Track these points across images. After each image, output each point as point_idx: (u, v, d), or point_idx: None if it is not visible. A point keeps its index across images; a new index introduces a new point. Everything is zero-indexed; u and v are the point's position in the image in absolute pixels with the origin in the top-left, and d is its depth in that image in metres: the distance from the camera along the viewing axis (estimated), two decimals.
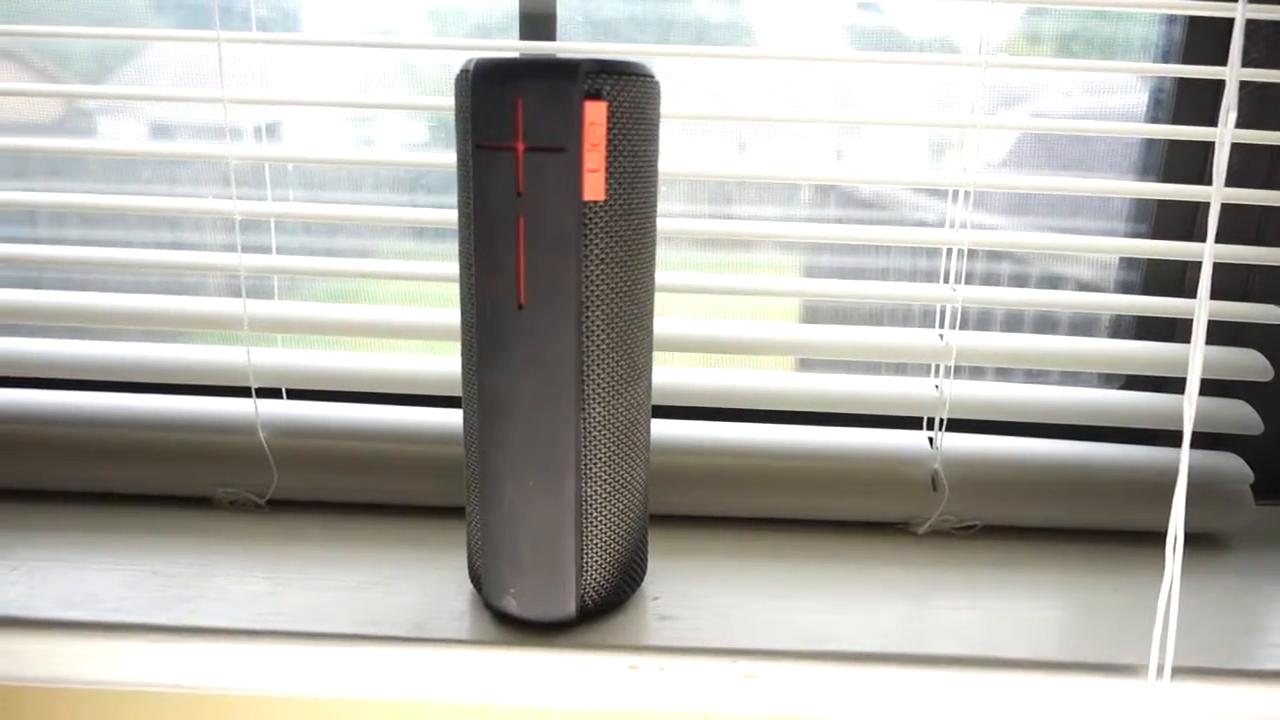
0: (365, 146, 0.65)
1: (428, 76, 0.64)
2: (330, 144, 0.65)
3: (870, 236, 0.58)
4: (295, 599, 0.50)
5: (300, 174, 0.66)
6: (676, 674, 0.46)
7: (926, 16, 0.62)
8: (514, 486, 0.44)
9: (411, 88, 0.64)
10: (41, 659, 0.47)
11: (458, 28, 0.63)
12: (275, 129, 0.65)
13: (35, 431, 0.60)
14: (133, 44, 0.64)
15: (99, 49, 0.65)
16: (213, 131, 0.65)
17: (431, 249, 0.67)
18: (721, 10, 0.62)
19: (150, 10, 0.63)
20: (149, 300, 0.61)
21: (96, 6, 0.63)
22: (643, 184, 0.43)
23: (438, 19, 0.63)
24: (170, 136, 0.66)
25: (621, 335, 0.44)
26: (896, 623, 0.50)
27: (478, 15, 0.63)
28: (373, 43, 0.57)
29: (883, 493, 0.59)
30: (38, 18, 0.63)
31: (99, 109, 0.66)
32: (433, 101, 0.58)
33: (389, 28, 0.63)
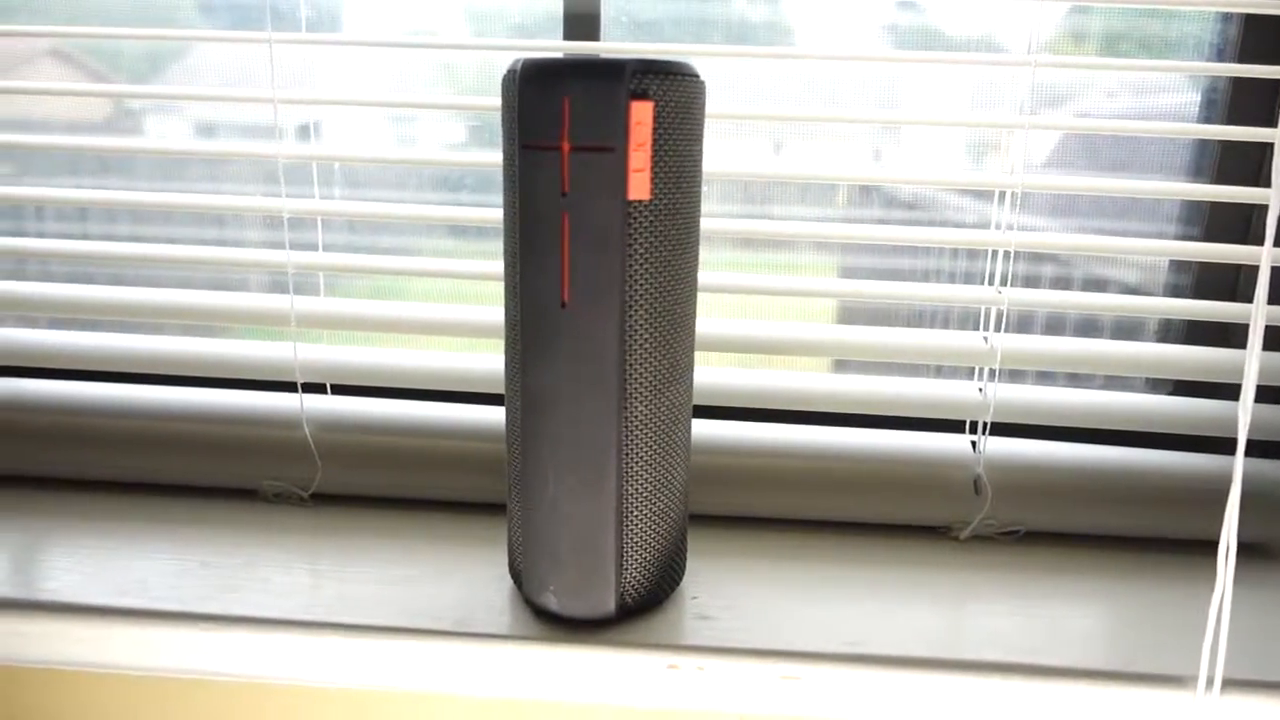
0: (405, 146, 0.66)
1: (467, 76, 0.65)
2: (375, 143, 0.66)
3: (915, 238, 0.58)
4: (338, 591, 0.51)
5: (343, 173, 0.67)
6: (715, 674, 0.46)
7: (966, 15, 0.61)
8: (555, 483, 0.44)
9: (451, 87, 0.65)
10: (95, 645, 0.48)
11: (498, 28, 0.64)
12: (316, 128, 0.66)
13: (88, 423, 0.62)
14: (177, 45, 0.65)
15: (145, 50, 0.66)
16: (255, 130, 0.66)
17: (469, 247, 0.68)
18: (762, 10, 0.62)
19: (195, 12, 0.65)
20: (200, 296, 0.63)
21: (143, 8, 0.65)
22: (687, 183, 0.43)
23: (478, 20, 0.64)
24: (213, 135, 0.67)
25: (664, 334, 0.44)
26: (937, 627, 0.49)
27: (517, 15, 0.63)
28: (419, 44, 0.57)
29: (924, 496, 0.59)
30: (89, 20, 0.65)
31: (146, 108, 0.68)
32: (477, 101, 0.58)
33: (430, 28, 0.64)
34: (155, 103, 0.67)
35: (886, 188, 0.64)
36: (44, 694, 0.56)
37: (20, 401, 0.62)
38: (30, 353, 0.63)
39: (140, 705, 0.55)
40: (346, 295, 0.69)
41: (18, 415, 0.62)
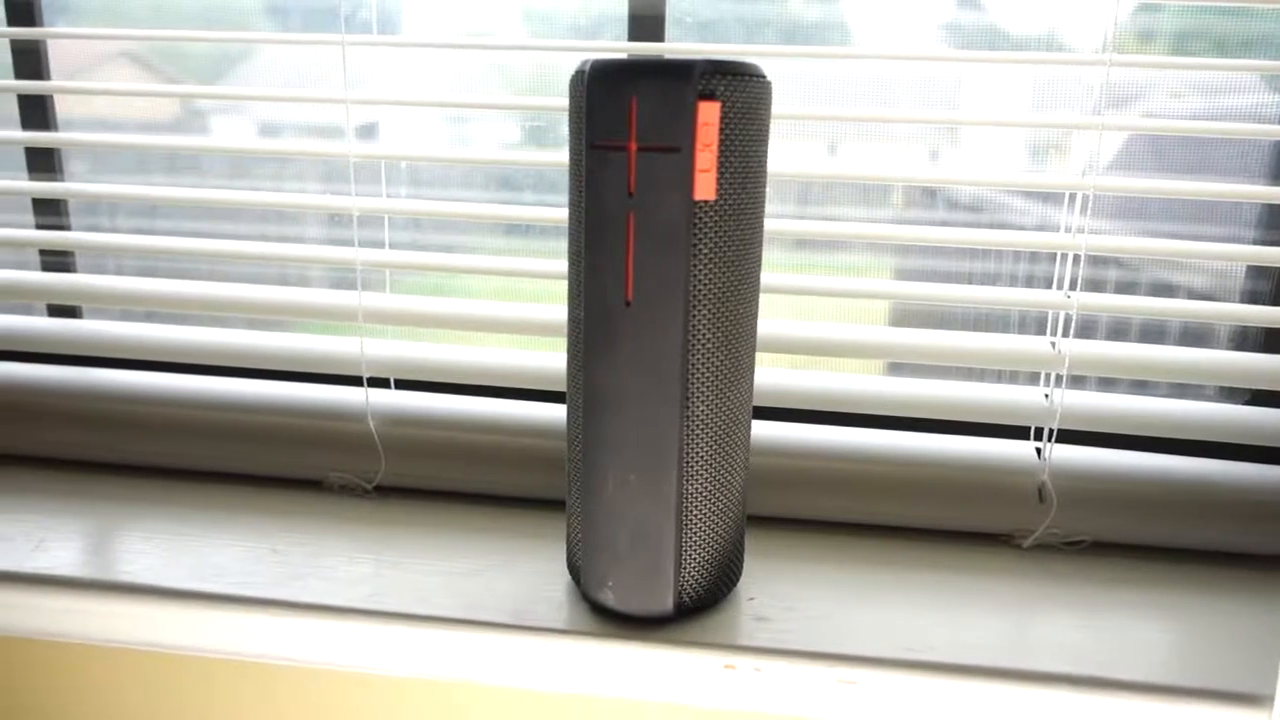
0: (460, 145, 0.67)
1: (521, 77, 0.66)
2: (438, 144, 0.67)
3: (985, 240, 0.57)
4: (400, 582, 0.52)
5: (395, 171, 0.68)
6: (772, 676, 0.46)
7: (1030, 14, 0.60)
8: (615, 481, 0.45)
9: (505, 88, 0.66)
10: (173, 627, 0.50)
11: (555, 29, 0.64)
12: (373, 129, 0.67)
13: (164, 413, 0.64)
14: (240, 48, 0.67)
15: (209, 52, 0.68)
16: (314, 130, 0.67)
17: (523, 245, 0.68)
18: (822, 10, 0.61)
19: (259, 15, 0.67)
20: (271, 291, 0.65)
21: (209, 11, 0.67)
22: (752, 184, 0.43)
23: (536, 21, 0.64)
24: (275, 134, 0.69)
25: (727, 334, 0.44)
26: (998, 637, 0.48)
27: (573, 16, 0.64)
28: (486, 45, 0.58)
29: (986, 503, 0.58)
30: (157, 23, 0.67)
31: (210, 109, 0.70)
32: (543, 102, 0.59)
33: (486, 29, 0.65)
34: (218, 103, 0.69)
35: (944, 189, 0.64)
36: (118, 673, 0.58)
37: (101, 391, 0.65)
38: (112, 344, 0.66)
39: (208, 687, 0.57)
40: (401, 292, 0.70)
41: (98, 404, 0.64)
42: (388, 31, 0.65)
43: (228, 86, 0.68)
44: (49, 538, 0.55)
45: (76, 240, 0.65)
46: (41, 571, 0.52)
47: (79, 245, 0.65)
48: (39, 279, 0.67)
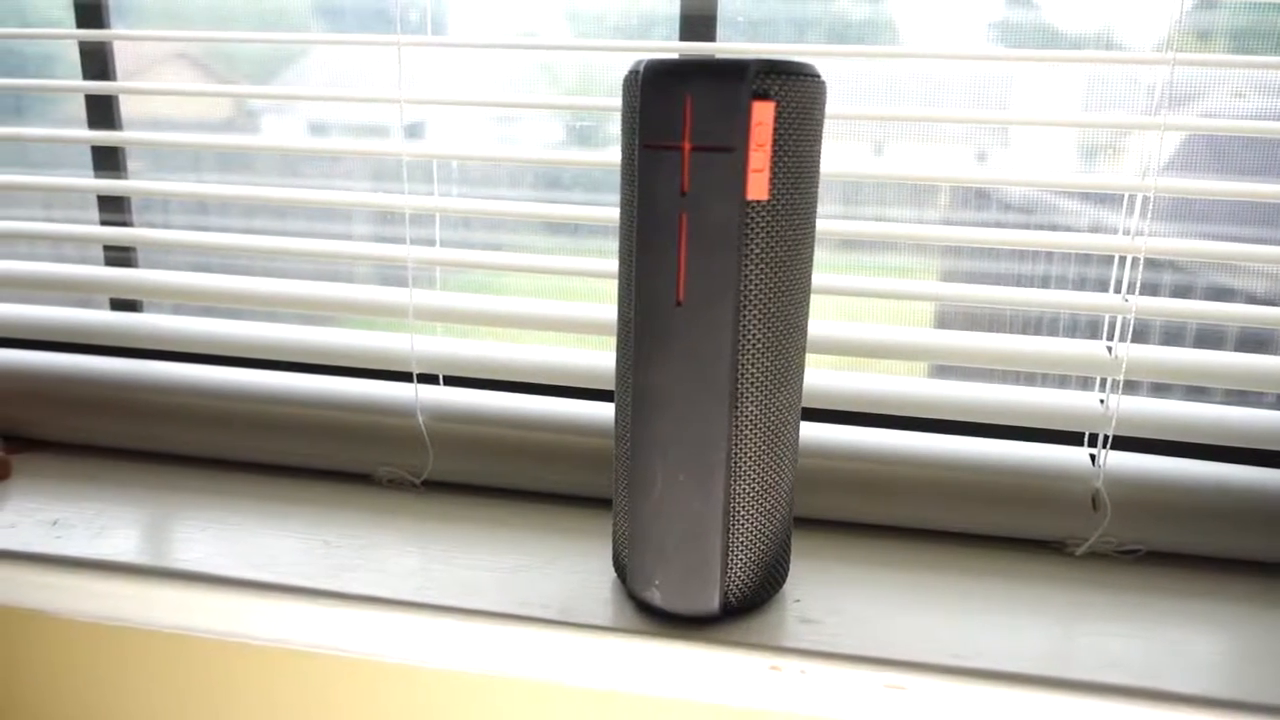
0: (505, 145, 0.68)
1: (567, 77, 0.66)
2: (491, 143, 0.68)
3: (1038, 241, 0.56)
4: (448, 576, 0.52)
5: (443, 170, 0.69)
6: (818, 678, 0.46)
7: (1083, 11, 0.59)
8: (664, 480, 0.45)
9: (551, 87, 0.66)
10: (228, 615, 0.51)
11: (600, 29, 0.65)
12: (419, 128, 0.68)
13: (219, 405, 0.65)
14: (290, 49, 0.68)
15: (259, 53, 0.70)
16: (362, 129, 0.69)
17: (564, 244, 0.69)
18: (871, 8, 0.61)
19: (310, 16, 0.68)
20: (324, 288, 0.66)
21: (262, 12, 0.68)
22: (805, 184, 0.43)
23: (579, 21, 0.65)
24: (324, 133, 0.70)
25: (777, 335, 0.44)
26: (1050, 645, 0.48)
27: (618, 17, 0.64)
28: (540, 45, 0.59)
29: (1038, 509, 0.57)
30: (211, 25, 0.68)
31: (261, 109, 0.72)
32: (595, 102, 0.59)
33: (532, 29, 0.65)
34: (267, 103, 0.71)
35: (994, 191, 0.63)
36: (171, 658, 0.59)
37: (159, 383, 0.67)
38: (171, 338, 0.68)
39: (258, 675, 0.58)
40: (443, 289, 0.71)
41: (157, 396, 0.66)
42: (435, 32, 0.66)
43: (283, 87, 0.69)
44: (110, 525, 0.57)
45: (135, 236, 0.67)
46: (102, 557, 0.53)
47: (139, 241, 0.67)
48: (102, 273, 0.69)
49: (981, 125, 0.61)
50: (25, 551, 0.53)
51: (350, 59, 0.69)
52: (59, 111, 0.75)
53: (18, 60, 0.74)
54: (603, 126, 0.67)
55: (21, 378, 0.68)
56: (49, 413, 0.67)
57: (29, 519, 0.57)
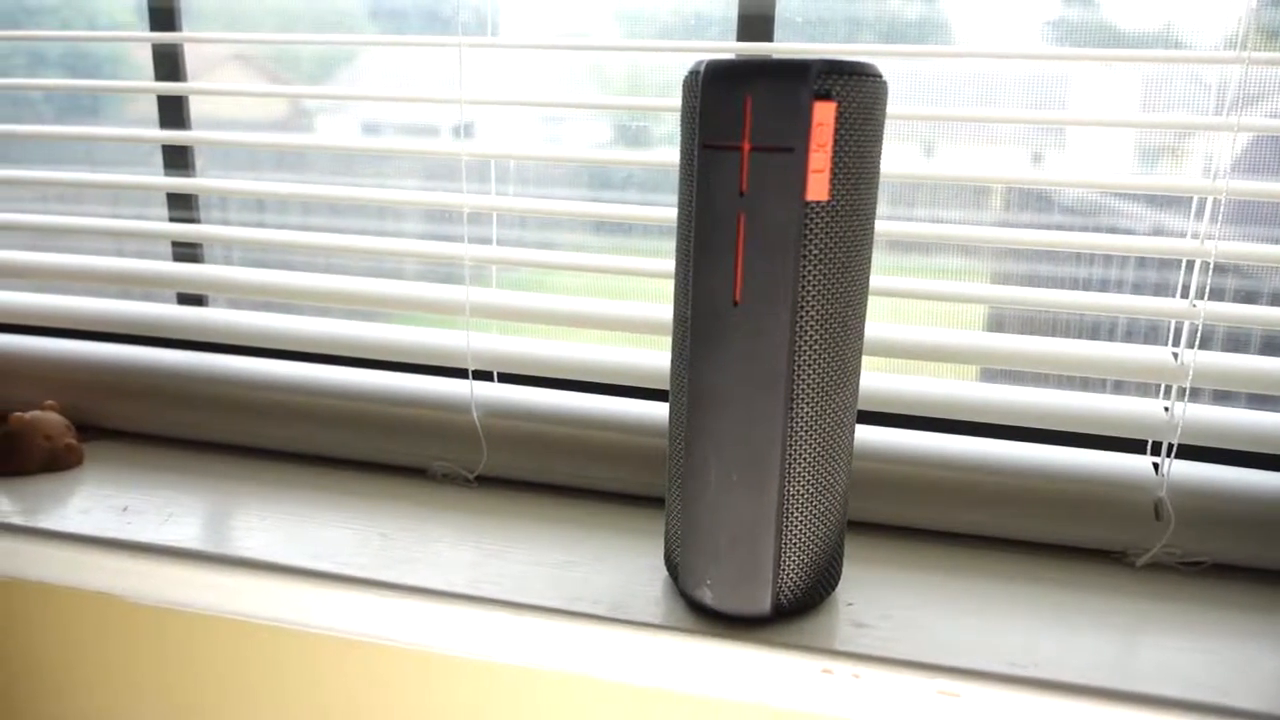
0: (554, 143, 0.68)
1: (616, 77, 0.66)
2: (540, 142, 0.68)
3: (1102, 244, 0.55)
4: (501, 570, 0.53)
5: (492, 169, 0.70)
6: (871, 683, 0.46)
7: (1142, 10, 0.57)
8: (717, 479, 0.45)
9: (599, 88, 0.67)
10: (288, 602, 0.53)
11: (648, 29, 0.65)
12: (469, 128, 0.69)
13: (279, 398, 0.67)
14: (344, 50, 0.70)
15: (317, 54, 0.71)
16: (413, 129, 0.70)
17: (612, 243, 0.69)
18: (929, 8, 0.60)
19: (365, 18, 0.69)
20: (384, 285, 0.67)
21: (318, 14, 0.70)
22: (865, 185, 0.43)
23: (626, 21, 0.65)
24: (376, 132, 0.71)
25: (834, 336, 0.43)
26: (1108, 656, 0.47)
27: (665, 17, 0.64)
28: (598, 46, 0.59)
29: (1099, 518, 0.56)
30: (267, 27, 0.70)
31: (316, 108, 0.73)
32: (653, 102, 0.60)
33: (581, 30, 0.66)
34: (322, 103, 0.73)
35: (1046, 192, 0.62)
36: (230, 644, 0.61)
37: (224, 376, 0.68)
38: (235, 332, 0.69)
39: (313, 662, 0.60)
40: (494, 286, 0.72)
41: (221, 388, 0.68)
42: (486, 33, 0.67)
43: (345, 87, 0.70)
44: (176, 512, 0.59)
45: (200, 232, 0.69)
46: (169, 543, 0.55)
47: (203, 237, 0.69)
48: (170, 269, 0.71)
49: (1036, 126, 0.60)
50: (97, 536, 0.55)
51: (402, 60, 0.70)
52: (132, 111, 0.77)
53: (91, 62, 0.77)
54: (651, 127, 0.67)
55: (94, 369, 0.70)
56: (120, 403, 0.69)
57: (101, 505, 0.59)
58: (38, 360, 0.71)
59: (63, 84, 0.70)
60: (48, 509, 0.58)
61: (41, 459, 0.63)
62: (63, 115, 0.79)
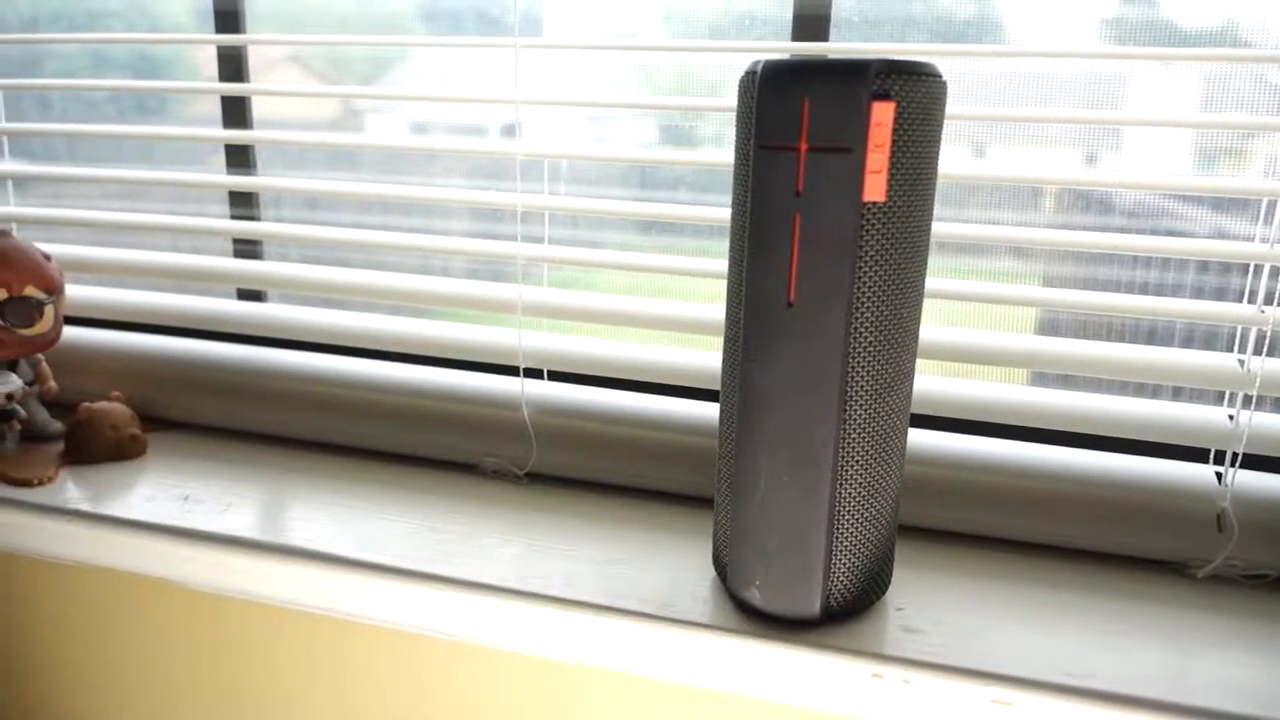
0: (598, 143, 0.69)
1: (662, 77, 0.66)
2: (585, 142, 0.69)
3: (1166, 247, 0.54)
4: (549, 566, 0.54)
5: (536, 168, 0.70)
6: (921, 689, 0.45)
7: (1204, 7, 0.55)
8: (768, 480, 0.45)
9: (645, 87, 0.67)
10: (338, 592, 0.54)
11: (696, 29, 0.65)
12: (514, 128, 0.69)
13: (333, 393, 0.68)
14: (394, 51, 0.71)
15: (367, 55, 0.73)
16: (459, 129, 0.71)
17: (655, 242, 0.69)
18: (981, 7, 0.59)
19: (413, 19, 0.70)
20: (437, 283, 0.68)
21: (369, 16, 0.71)
22: (923, 186, 0.42)
23: (676, 21, 0.65)
24: (424, 132, 0.72)
25: (889, 339, 0.43)
26: (1166, 669, 0.46)
27: (712, 17, 0.64)
28: (653, 47, 0.59)
29: (1158, 528, 0.54)
30: (319, 29, 0.71)
31: (365, 109, 0.74)
32: (709, 102, 0.60)
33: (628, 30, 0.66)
34: (371, 103, 0.74)
35: (1098, 194, 0.60)
36: (284, 632, 0.62)
37: (282, 370, 0.70)
38: (293, 327, 0.71)
39: (362, 652, 0.61)
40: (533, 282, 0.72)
41: (278, 382, 0.69)
42: (530, 32, 0.67)
43: (400, 88, 0.72)
44: (235, 502, 0.60)
45: (254, 229, 0.71)
46: (229, 532, 0.56)
47: (261, 234, 0.70)
48: (230, 265, 0.73)
49: (1090, 127, 0.59)
50: (160, 524, 0.57)
51: (450, 60, 0.71)
52: (195, 112, 0.79)
53: (152, 64, 0.79)
54: (697, 127, 0.67)
55: (157, 361, 0.72)
56: (181, 395, 0.71)
57: (163, 493, 0.61)
58: (105, 353, 0.73)
59: (124, 85, 0.72)
60: (113, 496, 0.60)
61: (108, 448, 0.65)
62: (124, 115, 0.81)
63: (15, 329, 0.63)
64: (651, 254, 0.62)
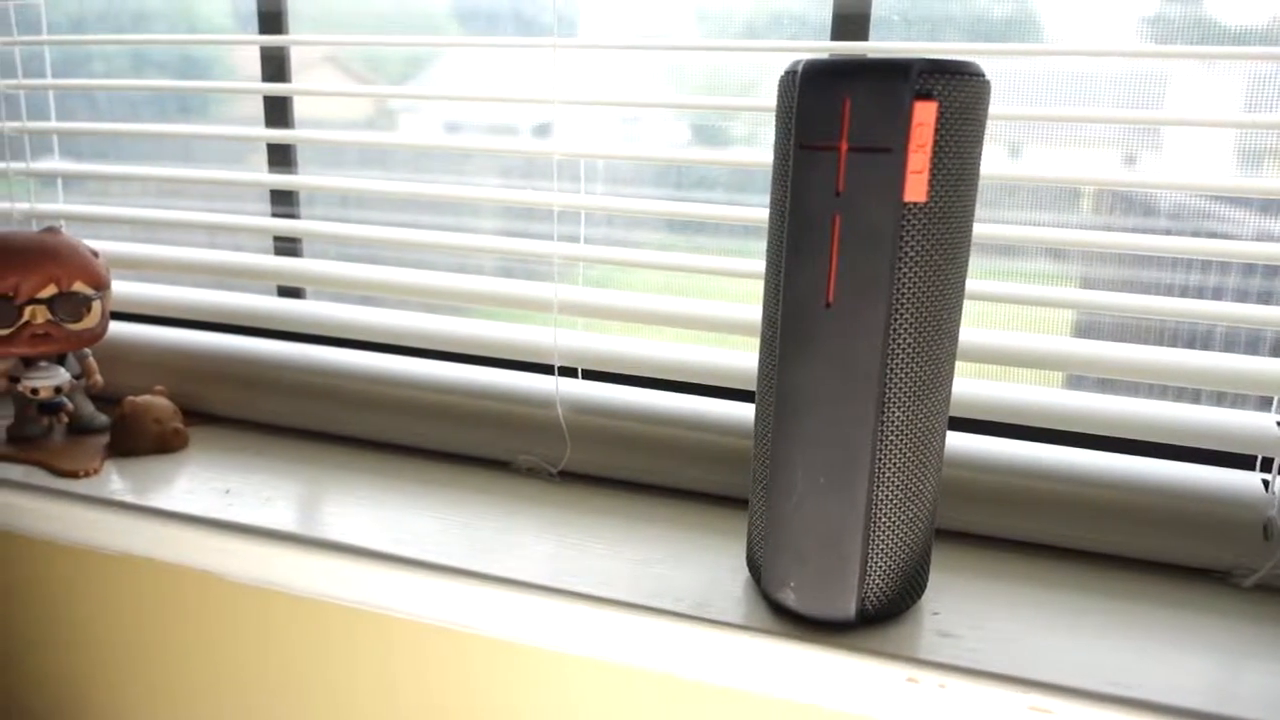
0: (629, 143, 0.69)
1: (695, 77, 0.66)
2: (616, 142, 0.69)
3: (1209, 249, 0.53)
4: (582, 564, 0.54)
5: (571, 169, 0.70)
6: (957, 694, 0.45)
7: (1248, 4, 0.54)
8: (804, 482, 0.45)
9: (678, 87, 0.67)
10: (373, 586, 0.54)
11: (729, 29, 0.65)
12: (546, 128, 0.69)
13: (372, 389, 0.69)
14: (427, 51, 0.71)
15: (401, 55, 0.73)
16: (492, 129, 0.71)
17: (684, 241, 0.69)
18: (1019, 6, 0.58)
19: (450, 20, 0.71)
20: (474, 281, 0.68)
21: (407, 16, 0.71)
22: (965, 186, 0.42)
23: (709, 21, 0.65)
24: (456, 131, 0.73)
25: (928, 340, 0.43)
26: (1210, 679, 0.45)
27: (746, 16, 0.64)
28: (692, 46, 0.59)
29: (1202, 536, 0.53)
30: (355, 29, 0.72)
31: (399, 108, 0.75)
32: (749, 102, 0.59)
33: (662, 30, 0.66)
34: (403, 103, 0.75)
35: (1139, 195, 0.59)
36: (319, 625, 0.63)
37: (319, 366, 0.71)
38: (331, 324, 0.72)
39: (397, 646, 0.61)
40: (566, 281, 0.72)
41: (316, 378, 0.70)
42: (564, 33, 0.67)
43: (438, 87, 0.72)
44: (274, 495, 0.61)
45: (290, 227, 0.71)
46: (268, 526, 0.57)
47: (297, 232, 0.71)
48: (271, 262, 0.74)
49: (1130, 127, 0.58)
50: (201, 516, 0.58)
51: (482, 60, 0.71)
52: (237, 111, 0.80)
53: (192, 64, 0.81)
54: (729, 127, 0.67)
55: (199, 357, 0.73)
56: (222, 389, 0.72)
57: (204, 486, 0.62)
58: (149, 348, 0.75)
59: (165, 85, 0.73)
60: (156, 489, 0.61)
61: (151, 441, 0.67)
62: (165, 115, 0.83)
63: (64, 323, 0.64)
64: (685, 254, 0.62)
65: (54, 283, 0.64)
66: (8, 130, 0.77)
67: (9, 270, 0.63)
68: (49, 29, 0.80)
